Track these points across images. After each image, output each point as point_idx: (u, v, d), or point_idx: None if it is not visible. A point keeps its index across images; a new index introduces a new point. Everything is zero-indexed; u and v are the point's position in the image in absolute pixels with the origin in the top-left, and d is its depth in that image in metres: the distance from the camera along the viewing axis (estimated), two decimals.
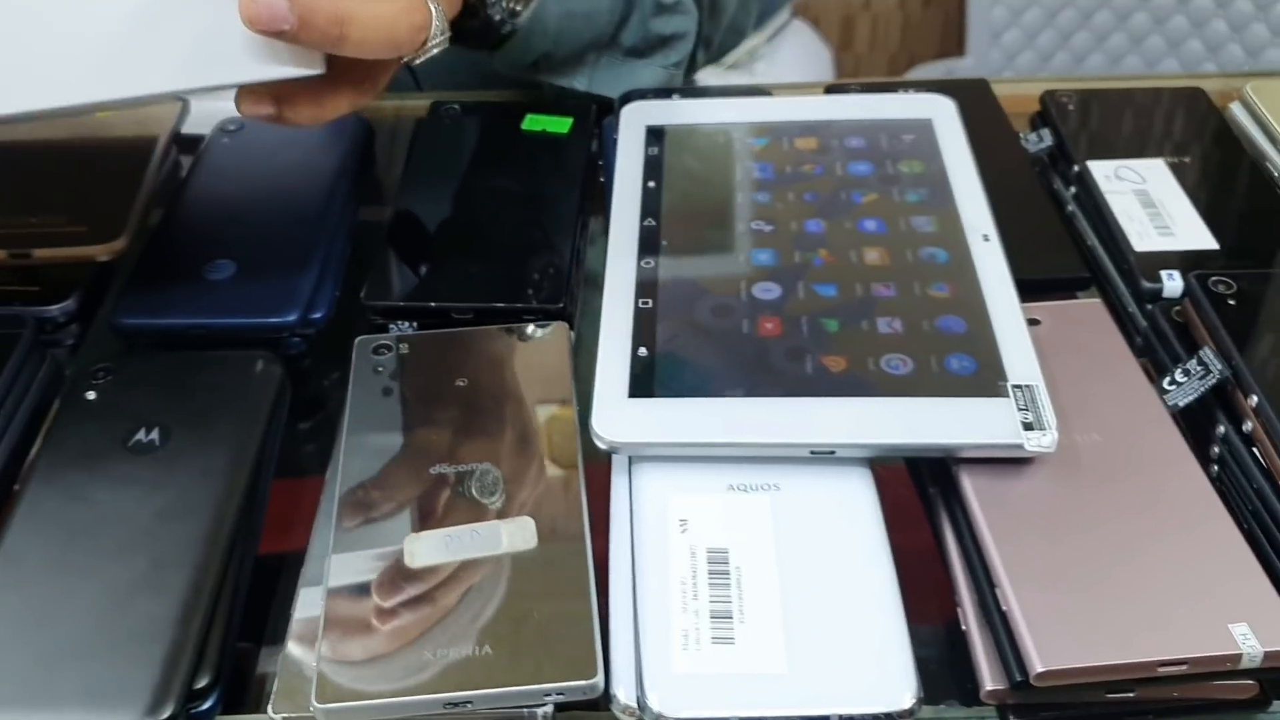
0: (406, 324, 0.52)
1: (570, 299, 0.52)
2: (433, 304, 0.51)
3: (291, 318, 0.50)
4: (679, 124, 0.59)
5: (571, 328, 0.51)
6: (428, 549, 0.41)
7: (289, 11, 0.41)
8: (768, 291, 0.49)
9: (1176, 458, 0.43)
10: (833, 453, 0.42)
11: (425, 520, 0.42)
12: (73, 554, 0.40)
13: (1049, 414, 0.42)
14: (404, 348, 0.49)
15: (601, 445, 0.43)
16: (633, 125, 0.59)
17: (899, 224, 0.52)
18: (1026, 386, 0.43)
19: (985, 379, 0.44)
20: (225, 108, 0.58)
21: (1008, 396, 0.43)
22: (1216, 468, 0.45)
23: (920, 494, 0.46)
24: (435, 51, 0.48)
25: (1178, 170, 0.57)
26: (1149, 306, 0.51)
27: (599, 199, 0.59)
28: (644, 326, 0.47)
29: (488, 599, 0.39)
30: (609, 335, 0.47)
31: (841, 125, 0.58)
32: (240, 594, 0.42)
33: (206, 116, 0.62)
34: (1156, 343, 0.49)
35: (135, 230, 0.56)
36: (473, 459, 0.44)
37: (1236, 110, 0.63)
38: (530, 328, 0.50)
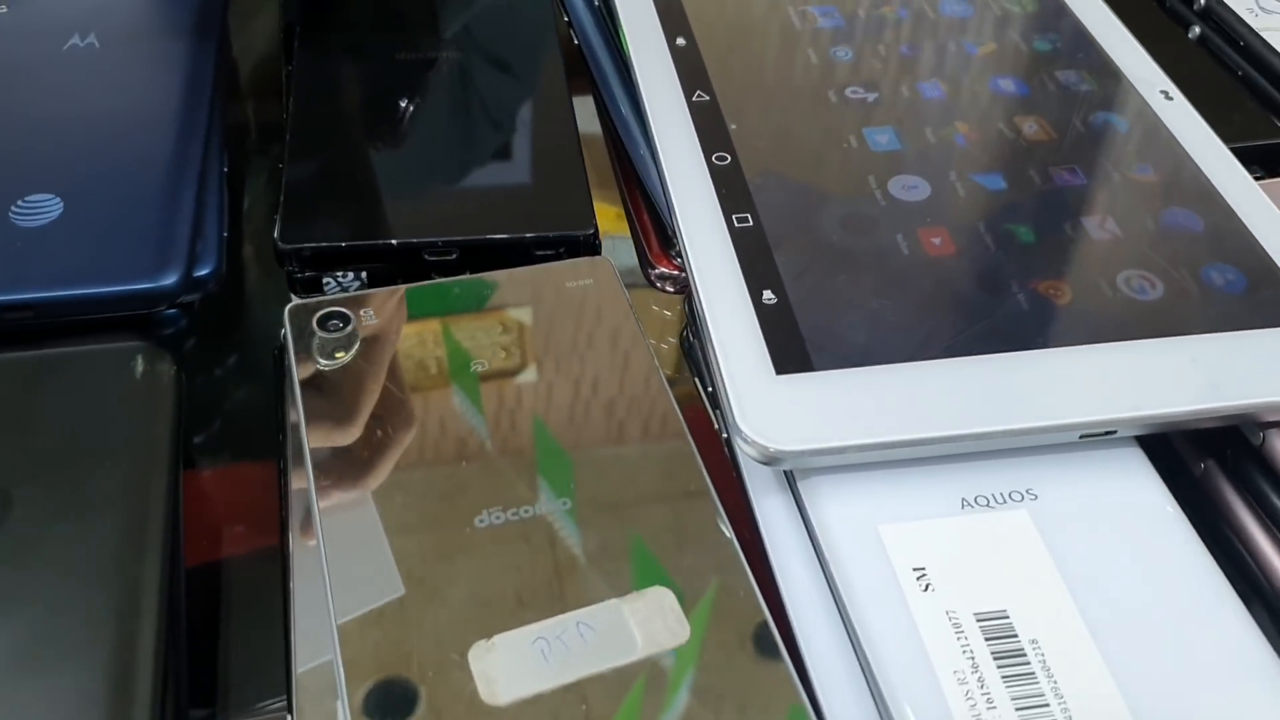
0: (350, 274, 0.34)
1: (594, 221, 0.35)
2: (394, 241, 0.33)
3: (171, 280, 0.31)
4: None
5: None
6: (514, 667, 0.24)
7: None
8: (911, 189, 0.33)
9: None
10: (1113, 432, 0.28)
11: (490, 614, 0.25)
12: None
13: None
14: (368, 315, 0.31)
15: (753, 455, 0.27)
16: None
17: (1043, 82, 0.37)
18: None
19: (1267, 296, 0.30)
20: None
21: None
22: None
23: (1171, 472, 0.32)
24: None
25: None
26: None
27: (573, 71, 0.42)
28: (755, 257, 0.31)
29: None
30: (707, 273, 0.30)
31: None
32: None
33: None
34: None
35: None
36: (541, 494, 0.27)
37: None
38: (561, 269, 0.33)
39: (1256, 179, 0.38)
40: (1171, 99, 0.36)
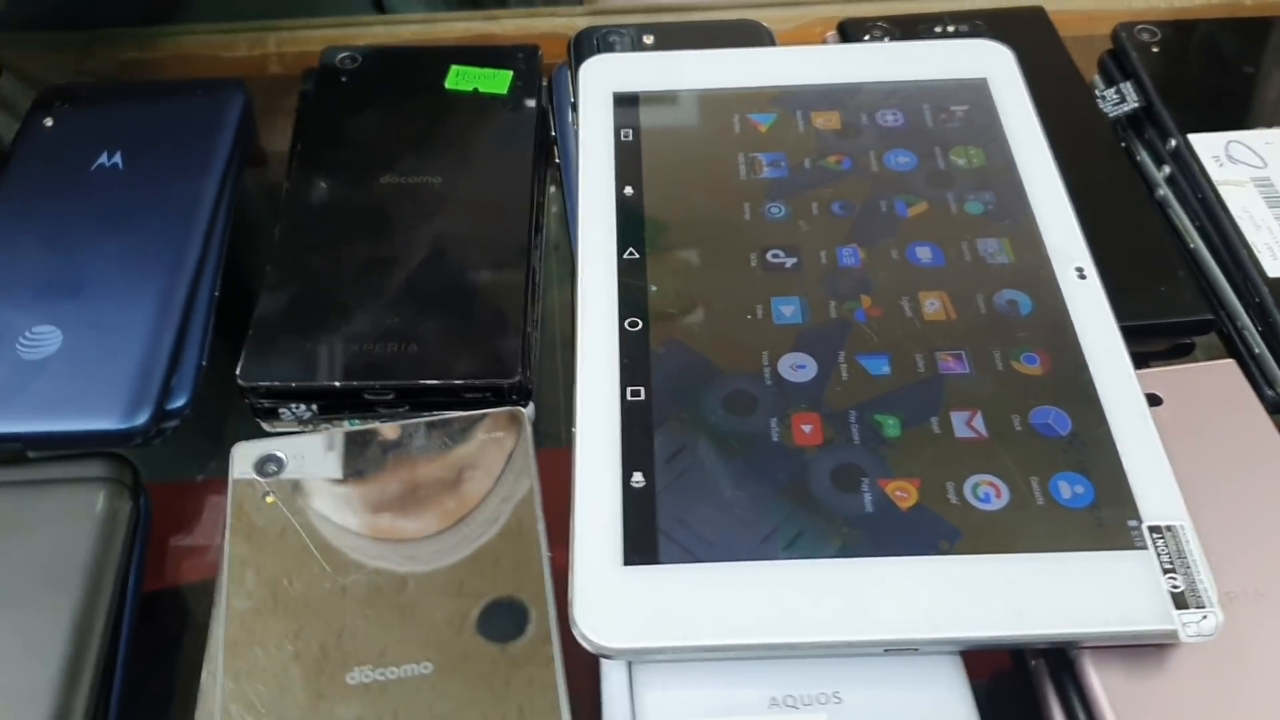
0: (304, 407, 0.38)
1: (527, 366, 0.38)
2: (337, 384, 0.37)
3: (141, 420, 0.36)
4: (656, 90, 0.45)
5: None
6: None
7: None
8: (800, 369, 0.36)
9: None
10: (915, 650, 0.30)
11: None
12: None
13: (1206, 579, 0.30)
14: (297, 459, 0.36)
15: (589, 649, 0.30)
16: (595, 94, 0.44)
17: (962, 251, 0.39)
18: (1169, 529, 0.32)
19: (1107, 515, 0.32)
20: None
21: (1145, 547, 0.31)
22: None
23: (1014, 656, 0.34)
24: None
25: None
26: None
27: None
28: (635, 434, 0.34)
29: None
30: (588, 451, 0.34)
31: (871, 91, 0.44)
32: None
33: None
34: None
35: None
36: (403, 658, 0.31)
37: None
38: (465, 421, 0.36)
39: (1163, 359, 0.39)
40: (1085, 277, 0.38)
